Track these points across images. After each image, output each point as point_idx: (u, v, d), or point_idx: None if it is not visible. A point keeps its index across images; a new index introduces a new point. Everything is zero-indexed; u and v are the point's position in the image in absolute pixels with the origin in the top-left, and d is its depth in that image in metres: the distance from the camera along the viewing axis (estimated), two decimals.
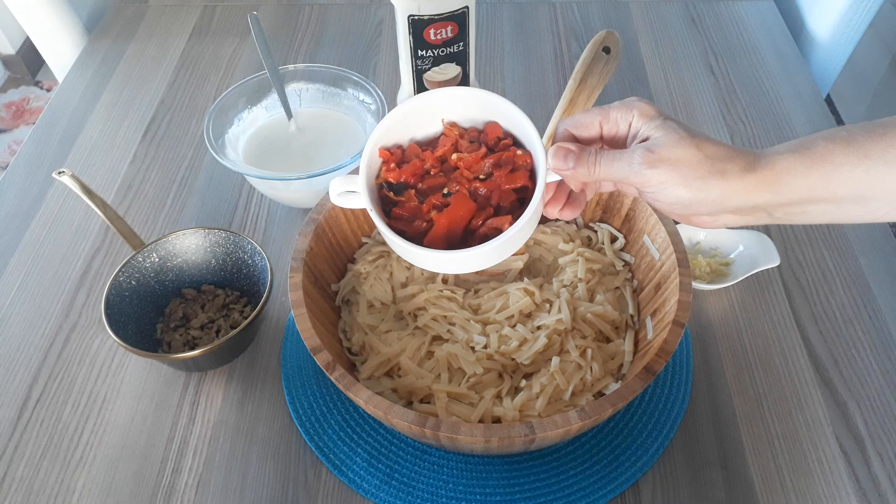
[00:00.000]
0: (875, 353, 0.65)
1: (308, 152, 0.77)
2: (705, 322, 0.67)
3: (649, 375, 0.48)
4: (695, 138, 0.41)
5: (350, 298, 0.62)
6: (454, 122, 0.50)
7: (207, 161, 0.84)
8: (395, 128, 0.50)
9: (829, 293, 0.70)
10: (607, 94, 0.87)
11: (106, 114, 0.91)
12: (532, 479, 0.57)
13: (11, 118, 2.10)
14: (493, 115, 0.50)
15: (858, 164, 0.39)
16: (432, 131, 0.51)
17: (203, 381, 0.64)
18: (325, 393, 0.62)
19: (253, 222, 0.77)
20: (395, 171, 0.49)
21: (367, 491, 0.56)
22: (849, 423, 0.60)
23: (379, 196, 0.49)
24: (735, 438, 0.59)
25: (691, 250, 0.71)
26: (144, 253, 0.65)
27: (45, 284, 0.72)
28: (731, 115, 0.89)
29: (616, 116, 0.44)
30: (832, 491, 0.56)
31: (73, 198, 0.80)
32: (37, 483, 0.58)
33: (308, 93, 0.80)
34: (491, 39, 1.01)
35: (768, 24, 1.02)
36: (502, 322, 0.58)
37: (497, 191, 0.48)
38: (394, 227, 0.48)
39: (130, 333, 0.62)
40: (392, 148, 0.50)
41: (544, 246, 0.64)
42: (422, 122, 0.50)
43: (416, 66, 0.78)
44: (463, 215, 0.47)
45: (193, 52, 1.00)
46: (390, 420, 0.47)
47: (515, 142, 0.49)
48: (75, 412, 0.62)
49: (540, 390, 0.53)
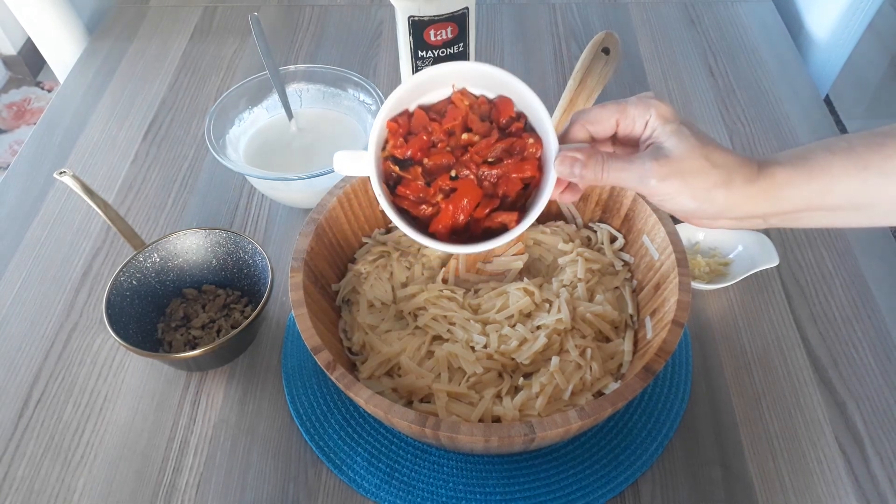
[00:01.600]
0: (874, 353, 0.65)
1: (308, 153, 0.77)
2: (704, 322, 0.68)
3: (649, 375, 0.48)
4: (705, 147, 0.41)
5: (350, 298, 0.62)
6: (465, 90, 0.49)
7: (208, 161, 0.84)
8: (406, 97, 0.48)
9: (828, 293, 0.70)
10: (607, 94, 0.87)
11: (107, 114, 0.91)
12: (532, 479, 0.57)
13: (12, 118, 2.10)
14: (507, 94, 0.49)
15: (857, 175, 0.40)
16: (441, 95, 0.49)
17: (204, 380, 0.64)
18: (326, 392, 0.62)
19: (253, 222, 0.78)
20: (402, 147, 0.48)
21: (368, 490, 0.57)
22: (848, 422, 0.60)
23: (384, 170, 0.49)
24: (734, 438, 0.60)
25: (690, 250, 0.72)
26: (145, 253, 0.65)
27: (47, 284, 0.72)
28: (730, 116, 0.89)
29: (634, 115, 0.43)
30: (831, 490, 0.57)
31: (75, 198, 0.80)
32: (38, 483, 0.58)
33: (308, 93, 0.81)
34: (491, 40, 1.02)
35: (767, 24, 1.03)
36: (502, 322, 0.58)
37: (505, 179, 0.47)
38: (398, 204, 0.48)
39: (131, 333, 0.62)
40: (399, 117, 0.48)
41: (544, 246, 0.64)
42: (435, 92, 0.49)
43: (416, 66, 0.78)
44: (469, 202, 0.47)
45: (194, 52, 1.00)
46: (390, 419, 0.47)
47: (526, 125, 0.49)
48: (76, 412, 0.62)
49: (540, 390, 0.53)
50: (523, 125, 0.48)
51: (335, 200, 0.60)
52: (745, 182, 0.41)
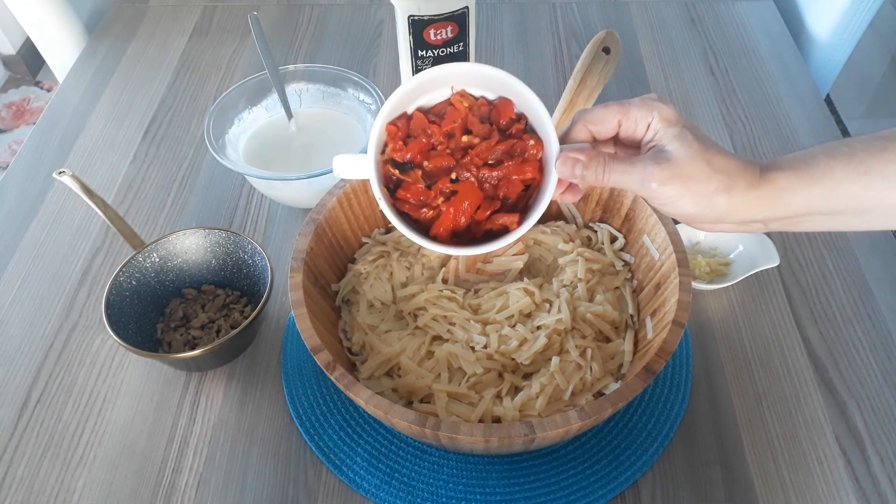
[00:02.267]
0: (874, 353, 0.65)
1: (308, 152, 0.77)
2: (705, 322, 0.67)
3: (649, 375, 0.48)
4: (707, 152, 0.41)
5: (350, 298, 0.62)
6: (464, 91, 0.49)
7: (208, 161, 0.84)
8: (406, 99, 0.48)
9: (828, 293, 0.70)
10: (607, 93, 0.87)
11: (106, 114, 0.91)
12: (532, 479, 0.57)
13: (12, 118, 2.10)
14: (507, 95, 0.49)
15: (858, 180, 0.39)
16: (440, 97, 0.49)
17: (203, 380, 0.64)
18: (326, 393, 0.62)
19: (253, 222, 0.78)
20: (401, 150, 0.47)
21: (368, 490, 0.57)
22: (848, 422, 0.60)
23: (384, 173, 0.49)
24: (735, 438, 0.60)
25: (691, 250, 0.72)
26: (145, 253, 0.65)
27: (46, 284, 0.72)
28: (731, 116, 0.89)
29: (636, 116, 0.43)
30: (832, 490, 0.56)
31: (74, 198, 0.80)
32: (37, 483, 0.58)
33: (308, 93, 0.80)
34: (491, 39, 1.02)
35: (768, 24, 1.02)
36: (502, 322, 0.58)
37: (506, 181, 0.47)
38: (398, 208, 0.48)
39: (131, 333, 0.62)
40: (398, 120, 0.48)
41: (544, 246, 0.64)
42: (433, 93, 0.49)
43: (416, 66, 0.78)
44: (470, 205, 0.47)
45: (194, 52, 1.00)
46: (390, 420, 0.47)
47: (527, 126, 0.48)
48: (76, 412, 0.62)
49: (540, 390, 0.53)
50: (524, 126, 0.48)
51: (335, 200, 0.60)
52: (746, 187, 0.41)
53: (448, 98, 0.49)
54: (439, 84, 0.49)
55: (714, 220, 0.43)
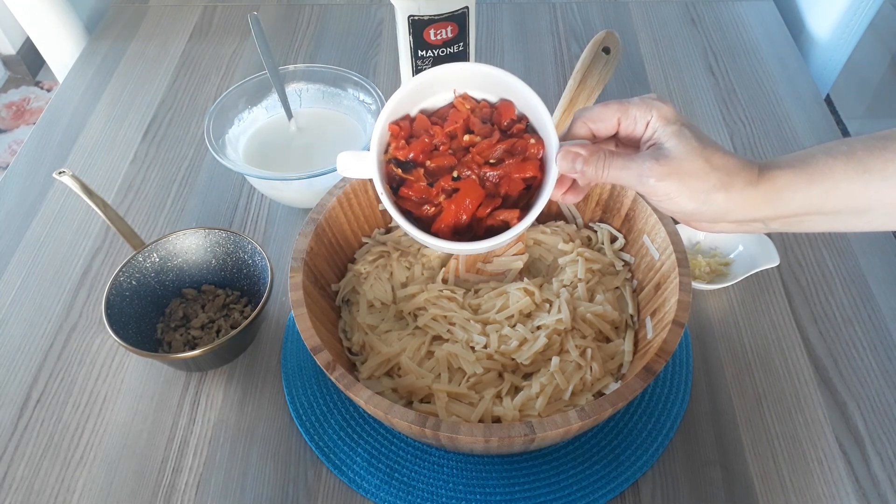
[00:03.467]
0: (875, 353, 0.65)
1: (308, 152, 0.77)
2: (705, 322, 0.67)
3: (649, 375, 0.48)
4: (705, 150, 0.41)
5: (350, 298, 0.62)
6: (466, 94, 0.49)
7: (208, 161, 0.84)
8: (408, 100, 0.48)
9: (828, 293, 0.70)
10: (607, 93, 0.87)
11: (106, 114, 0.91)
12: (532, 479, 0.57)
13: (12, 118, 2.10)
14: (507, 95, 0.49)
15: (857, 179, 0.40)
16: (443, 100, 0.50)
17: (203, 380, 0.64)
18: (326, 393, 0.62)
19: (253, 222, 0.78)
20: (404, 149, 0.48)
21: (368, 490, 0.57)
22: (848, 422, 0.60)
23: (386, 172, 0.49)
24: (735, 438, 0.60)
25: (691, 250, 0.72)
26: (145, 253, 0.65)
27: (46, 284, 0.72)
28: (731, 116, 0.89)
29: (635, 115, 0.44)
30: (832, 490, 0.56)
31: (74, 198, 0.80)
32: (37, 483, 0.58)
33: (308, 93, 0.80)
34: (491, 39, 1.02)
35: (768, 24, 1.02)
36: (502, 322, 0.58)
37: (507, 179, 0.48)
38: (400, 205, 0.48)
39: (131, 333, 0.62)
40: (401, 121, 0.49)
41: (544, 246, 0.64)
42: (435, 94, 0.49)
43: (416, 66, 0.78)
44: (471, 202, 0.47)
45: (194, 52, 1.00)
46: (390, 420, 0.47)
47: (528, 126, 0.49)
48: (76, 412, 0.62)
49: (540, 390, 0.53)
50: (524, 126, 0.49)
51: (335, 200, 0.60)
52: (744, 185, 0.41)
53: (451, 101, 0.50)
54: (440, 85, 0.49)
55: (712, 218, 0.43)
